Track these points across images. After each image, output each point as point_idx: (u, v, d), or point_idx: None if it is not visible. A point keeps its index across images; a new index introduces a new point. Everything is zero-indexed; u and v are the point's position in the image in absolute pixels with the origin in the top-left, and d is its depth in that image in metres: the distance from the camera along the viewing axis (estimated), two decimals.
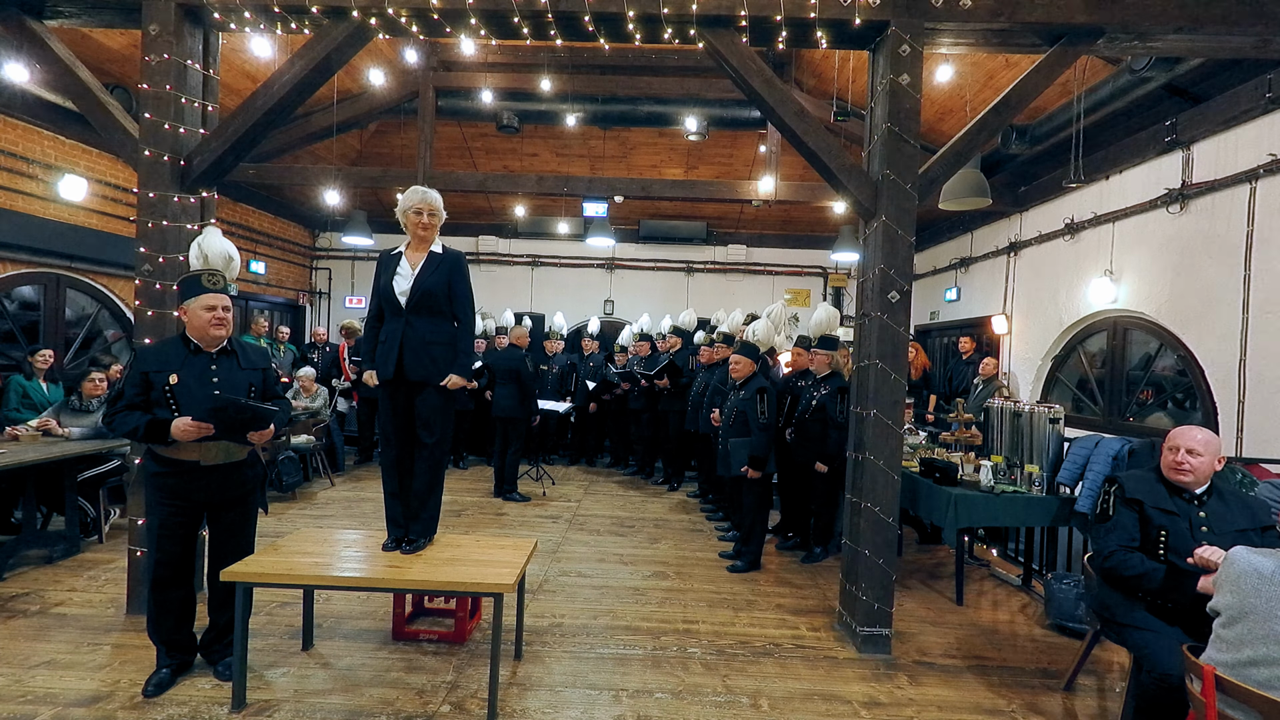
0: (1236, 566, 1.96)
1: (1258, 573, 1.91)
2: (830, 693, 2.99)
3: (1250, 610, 1.87)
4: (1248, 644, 1.85)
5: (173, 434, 2.59)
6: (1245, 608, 1.89)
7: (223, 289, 2.78)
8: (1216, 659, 1.89)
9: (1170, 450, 2.58)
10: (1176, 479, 2.54)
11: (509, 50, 7.56)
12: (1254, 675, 1.79)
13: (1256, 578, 1.90)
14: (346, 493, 6.41)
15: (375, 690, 2.82)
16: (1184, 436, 2.56)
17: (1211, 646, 1.93)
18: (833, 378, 4.83)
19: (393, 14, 3.50)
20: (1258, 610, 1.86)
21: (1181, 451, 2.53)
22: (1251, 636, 1.85)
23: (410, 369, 2.97)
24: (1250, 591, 1.89)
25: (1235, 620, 1.90)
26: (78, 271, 6.16)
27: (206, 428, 2.61)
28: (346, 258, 10.53)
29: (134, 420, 2.60)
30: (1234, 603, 1.92)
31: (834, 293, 10.47)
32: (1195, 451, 2.51)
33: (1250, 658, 1.83)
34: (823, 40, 3.54)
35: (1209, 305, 4.65)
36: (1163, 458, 2.61)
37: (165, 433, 2.60)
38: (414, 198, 3.03)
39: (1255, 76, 4.29)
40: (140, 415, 2.62)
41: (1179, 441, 2.56)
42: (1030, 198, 6.85)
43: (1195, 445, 2.52)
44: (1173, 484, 2.56)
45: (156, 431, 2.60)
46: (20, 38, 3.61)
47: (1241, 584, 1.92)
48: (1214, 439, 2.55)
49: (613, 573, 4.41)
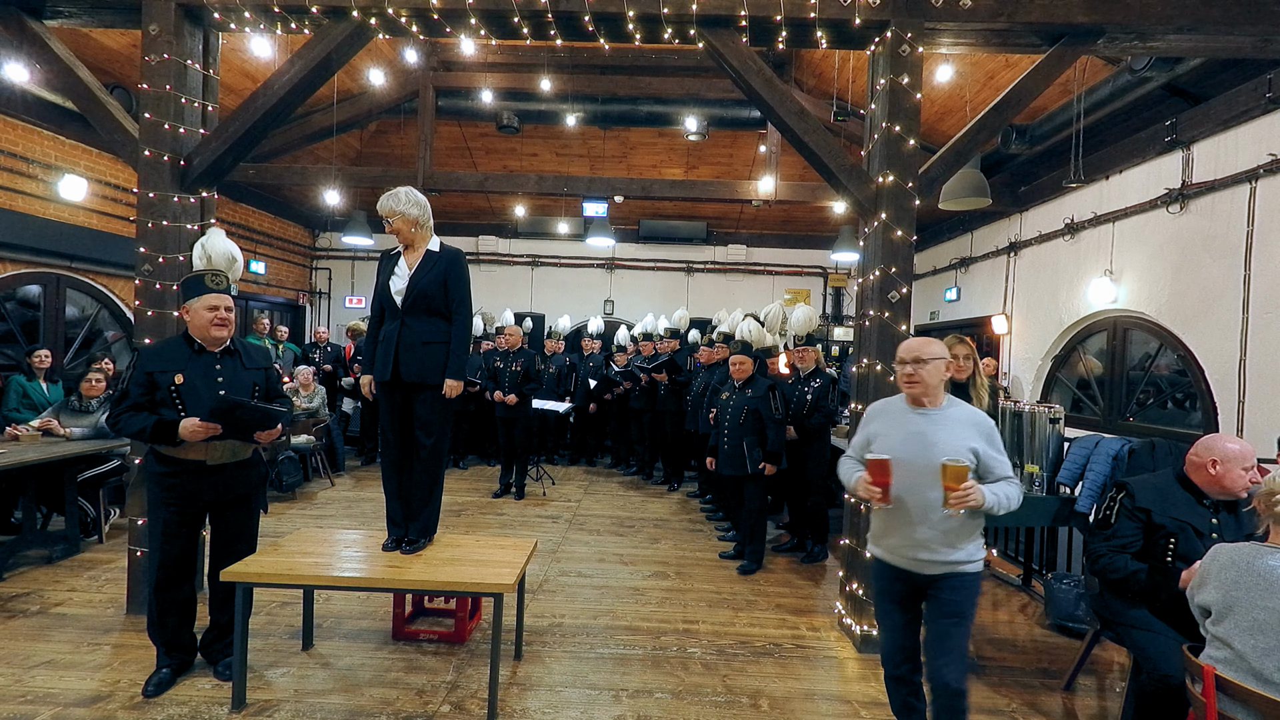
0: (1219, 560, 1.98)
1: (1237, 565, 1.92)
2: (830, 693, 2.99)
3: (1234, 603, 1.89)
4: (1236, 637, 1.85)
5: (181, 434, 2.59)
6: (1229, 601, 1.90)
7: (225, 289, 2.78)
8: (1215, 656, 1.89)
9: (1221, 464, 2.43)
10: (1220, 493, 2.44)
11: (509, 50, 7.56)
12: (1252, 666, 1.80)
13: (1236, 570, 1.92)
14: (346, 493, 6.41)
15: (375, 690, 2.82)
16: (1235, 451, 2.42)
17: (1210, 646, 1.94)
18: (819, 374, 4.94)
19: (393, 14, 3.50)
20: (1241, 602, 1.88)
21: (1249, 469, 2.41)
22: (1239, 629, 1.86)
23: (406, 369, 2.95)
24: (1231, 584, 1.91)
25: (1224, 616, 1.91)
26: (78, 271, 6.16)
27: (214, 428, 2.61)
28: (346, 258, 10.53)
29: (140, 421, 2.60)
30: (1218, 598, 1.93)
31: (834, 293, 10.48)
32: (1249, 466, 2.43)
33: (1241, 651, 1.83)
34: (823, 40, 3.54)
35: (1209, 305, 4.65)
36: (1193, 470, 2.51)
37: (173, 433, 2.59)
38: (380, 206, 2.99)
39: (1255, 76, 4.29)
40: (147, 416, 2.61)
41: (1214, 455, 2.44)
42: (1030, 198, 6.85)
43: (1246, 459, 2.42)
44: (1200, 491, 2.49)
45: (164, 432, 2.59)
46: (20, 38, 3.61)
47: (1224, 577, 1.94)
48: (1252, 450, 2.47)
49: (613, 572, 4.41)
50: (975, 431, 2.24)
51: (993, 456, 2.23)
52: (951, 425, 2.24)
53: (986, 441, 2.24)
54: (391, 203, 2.98)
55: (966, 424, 2.25)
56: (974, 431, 2.24)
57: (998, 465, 2.24)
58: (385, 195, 3.01)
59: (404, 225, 2.99)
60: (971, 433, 2.24)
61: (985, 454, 2.22)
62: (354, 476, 7.18)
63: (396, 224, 2.99)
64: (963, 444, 2.19)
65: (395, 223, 2.99)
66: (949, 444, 2.18)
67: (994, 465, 2.24)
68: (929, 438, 2.22)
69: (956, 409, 2.30)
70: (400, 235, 3.01)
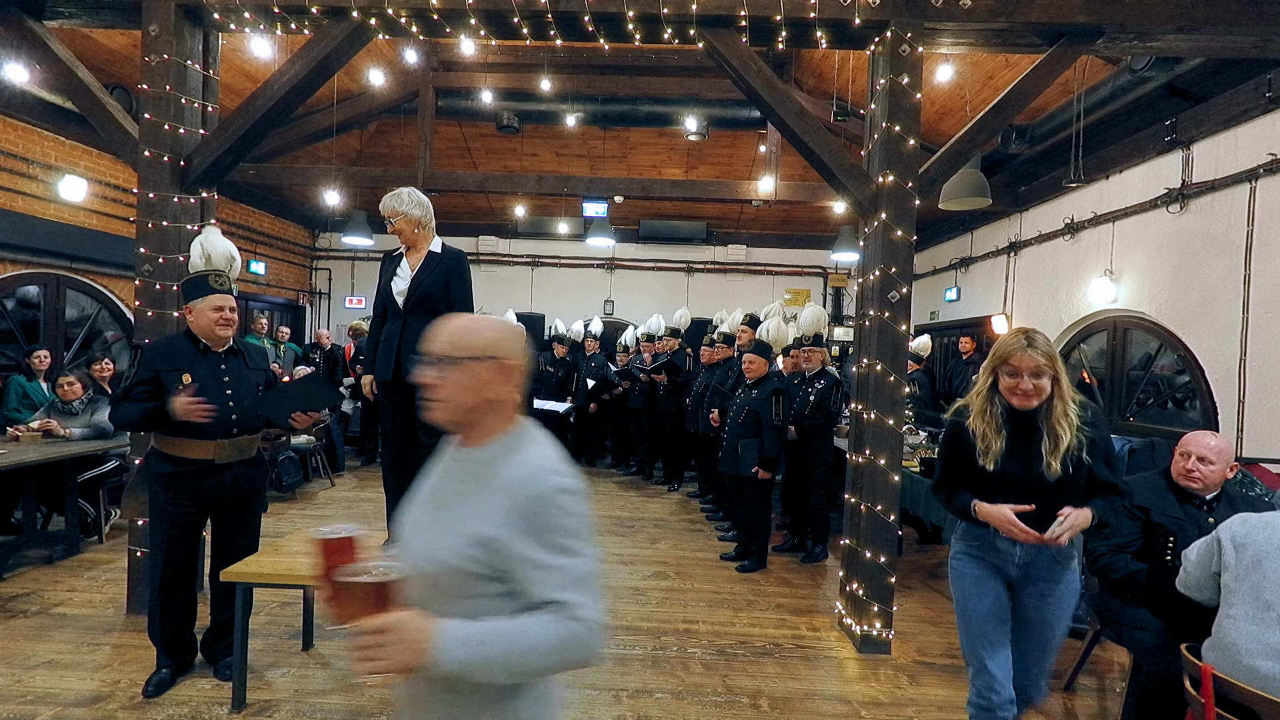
0: (1249, 523, 2.00)
1: (1270, 524, 1.95)
2: (830, 693, 2.99)
3: (1264, 557, 1.91)
4: (1269, 588, 1.87)
5: (174, 412, 2.53)
6: (1259, 555, 1.92)
7: (228, 289, 2.79)
8: (1235, 614, 1.91)
9: (1182, 457, 2.54)
10: (1186, 485, 2.51)
11: (509, 50, 7.56)
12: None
13: (1270, 529, 1.94)
14: (346, 493, 6.41)
15: (375, 690, 2.82)
16: (1196, 443, 2.52)
17: (1232, 602, 1.95)
18: (824, 375, 4.92)
19: (393, 14, 3.50)
20: (1270, 557, 1.89)
21: (1193, 459, 2.50)
22: (1269, 581, 1.88)
23: (408, 369, 2.96)
24: (1264, 542, 1.93)
25: (1253, 569, 1.92)
26: (78, 271, 6.16)
27: (208, 407, 2.57)
28: (346, 258, 10.53)
29: (140, 407, 2.58)
30: (1239, 559, 1.96)
31: (834, 293, 10.47)
32: (1207, 459, 2.48)
33: (1270, 600, 1.85)
34: (822, 40, 3.54)
35: (1209, 305, 4.65)
36: (1173, 463, 2.58)
37: (165, 417, 2.56)
38: (383, 207, 3.01)
39: (1255, 76, 4.29)
40: (146, 403, 2.59)
41: (1191, 448, 2.52)
42: (1030, 198, 6.85)
43: (1207, 453, 2.49)
44: (1182, 490, 2.53)
45: (161, 415, 2.57)
46: (20, 38, 3.61)
47: (1256, 536, 1.95)
48: (1227, 446, 2.52)
49: (613, 573, 4.41)
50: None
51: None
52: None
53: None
54: (394, 203, 2.99)
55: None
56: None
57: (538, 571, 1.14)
58: (388, 195, 3.01)
59: (406, 225, 2.99)
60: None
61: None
62: (354, 476, 7.18)
63: (399, 224, 2.99)
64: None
65: (398, 223, 2.99)
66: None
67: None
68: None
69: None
70: (403, 236, 3.01)
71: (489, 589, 1.09)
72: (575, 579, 1.07)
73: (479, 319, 1.27)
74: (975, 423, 2.07)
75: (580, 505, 1.12)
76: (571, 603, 1.05)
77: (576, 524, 1.10)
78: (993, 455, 2.01)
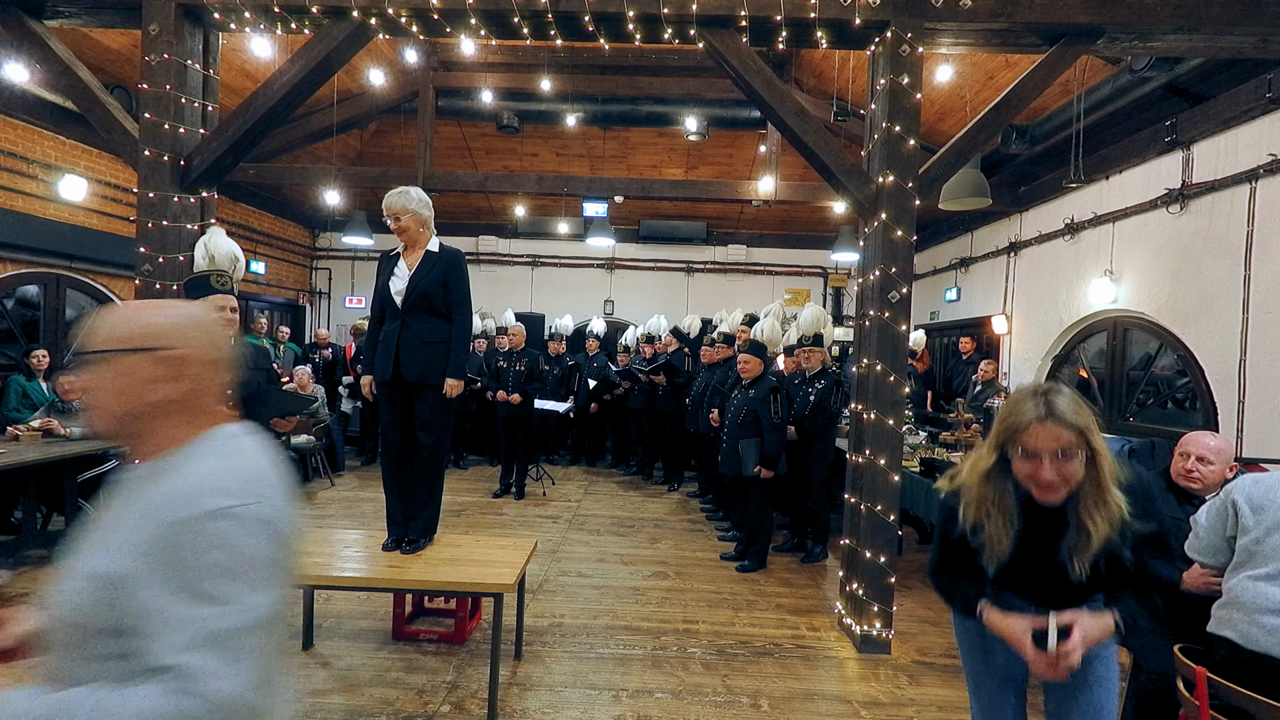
0: (1262, 484, 1.97)
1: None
2: (830, 693, 2.99)
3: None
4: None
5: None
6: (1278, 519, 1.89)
7: (230, 290, 2.79)
8: (1258, 573, 1.87)
9: (1181, 457, 2.54)
10: (1186, 485, 2.51)
11: (509, 50, 7.56)
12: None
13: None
14: (346, 493, 6.41)
15: (375, 690, 2.82)
16: (1196, 443, 2.52)
17: (1248, 565, 1.90)
18: (825, 375, 4.91)
19: (393, 14, 3.50)
20: None
21: (1193, 459, 2.50)
22: None
23: (407, 369, 2.96)
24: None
25: (1271, 532, 1.88)
26: (78, 271, 6.16)
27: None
28: (346, 258, 10.53)
29: None
30: (1259, 521, 1.92)
31: (834, 293, 10.47)
32: (1206, 460, 2.48)
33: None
34: (823, 40, 3.54)
35: (1209, 305, 4.65)
36: (1173, 464, 2.57)
37: None
38: (390, 204, 3.00)
39: (1255, 76, 4.29)
40: None
41: (1190, 449, 2.52)
42: (1030, 198, 6.85)
43: (1207, 453, 2.48)
44: (1182, 490, 2.53)
45: None
46: (20, 38, 3.61)
47: (1274, 497, 1.91)
48: (1226, 447, 2.52)
49: (613, 572, 4.41)
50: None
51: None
52: None
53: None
54: (403, 200, 2.98)
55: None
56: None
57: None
58: (394, 193, 2.99)
59: (413, 223, 2.99)
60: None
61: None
62: (354, 476, 7.18)
63: (406, 221, 2.98)
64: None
65: (405, 220, 2.98)
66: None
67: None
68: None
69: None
70: (407, 234, 3.00)
71: (105, 647, 0.82)
72: (207, 636, 0.79)
73: (143, 303, 1.03)
74: (973, 513, 1.56)
75: (246, 536, 0.86)
76: (189, 670, 0.76)
77: (233, 561, 0.83)
78: (997, 556, 1.56)
